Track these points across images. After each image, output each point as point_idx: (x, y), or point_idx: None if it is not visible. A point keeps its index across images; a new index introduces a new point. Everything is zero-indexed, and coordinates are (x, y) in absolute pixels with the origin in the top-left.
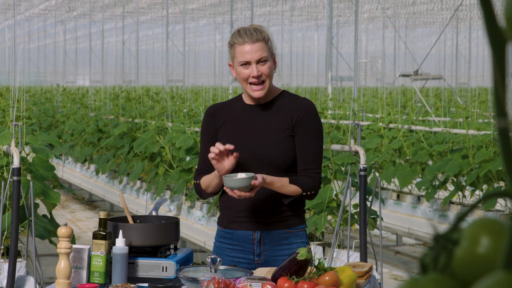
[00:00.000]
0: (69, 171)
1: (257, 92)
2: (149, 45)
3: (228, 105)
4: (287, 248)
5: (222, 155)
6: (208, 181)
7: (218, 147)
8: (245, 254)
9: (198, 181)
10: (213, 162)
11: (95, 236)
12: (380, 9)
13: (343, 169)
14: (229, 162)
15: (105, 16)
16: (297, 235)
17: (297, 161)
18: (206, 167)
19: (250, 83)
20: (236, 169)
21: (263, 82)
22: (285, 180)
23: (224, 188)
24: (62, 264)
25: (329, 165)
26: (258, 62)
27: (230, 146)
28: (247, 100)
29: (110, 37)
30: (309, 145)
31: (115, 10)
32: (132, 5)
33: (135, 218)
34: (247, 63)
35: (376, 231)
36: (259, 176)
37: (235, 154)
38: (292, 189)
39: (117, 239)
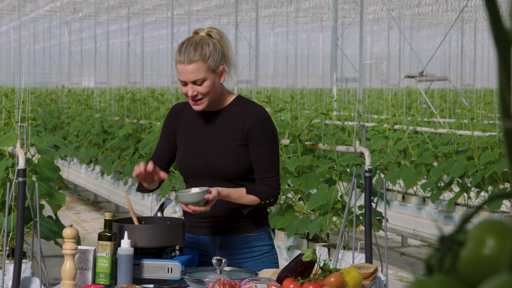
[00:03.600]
0: (74, 172)
1: (196, 107)
2: (154, 46)
3: (188, 107)
4: (249, 252)
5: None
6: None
7: (140, 168)
8: (208, 258)
9: None
10: (139, 177)
11: (101, 237)
12: (385, 10)
13: (348, 170)
14: (156, 176)
15: (110, 18)
16: (259, 238)
17: (253, 170)
18: (157, 161)
19: (189, 100)
20: (193, 177)
21: (201, 99)
22: (242, 190)
23: (179, 204)
24: (68, 265)
25: (334, 166)
26: (194, 82)
27: (150, 168)
28: (197, 109)
29: (115, 38)
30: (264, 154)
31: (120, 12)
32: (137, 7)
33: (140, 219)
34: (184, 81)
35: (381, 233)
36: (214, 190)
37: (161, 174)
38: (250, 199)
39: (122, 240)
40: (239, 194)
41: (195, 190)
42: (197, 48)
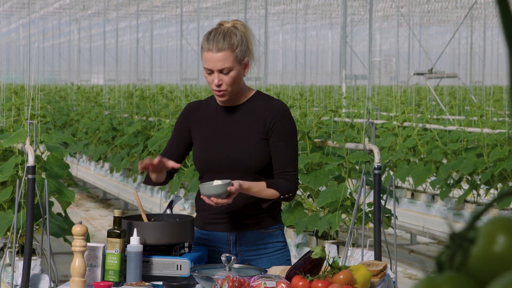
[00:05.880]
0: (84, 169)
1: (220, 98)
2: (163, 43)
3: (204, 104)
4: (263, 248)
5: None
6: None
7: (146, 162)
8: (221, 255)
9: None
10: (148, 169)
11: (110, 234)
12: (394, 8)
13: (357, 167)
14: (164, 167)
15: (119, 15)
16: (273, 235)
17: (273, 164)
18: (167, 157)
19: (214, 89)
20: (210, 172)
21: (225, 90)
22: (263, 184)
23: (201, 196)
24: (77, 262)
25: (343, 163)
26: (220, 71)
27: (156, 161)
28: (220, 101)
29: (124, 35)
30: (285, 148)
31: (130, 9)
32: (146, 4)
33: (149, 216)
34: (210, 70)
35: (390, 230)
36: (236, 182)
37: (170, 163)
38: (270, 192)
39: (131, 238)
40: (260, 188)
41: (217, 182)
42: (226, 37)
